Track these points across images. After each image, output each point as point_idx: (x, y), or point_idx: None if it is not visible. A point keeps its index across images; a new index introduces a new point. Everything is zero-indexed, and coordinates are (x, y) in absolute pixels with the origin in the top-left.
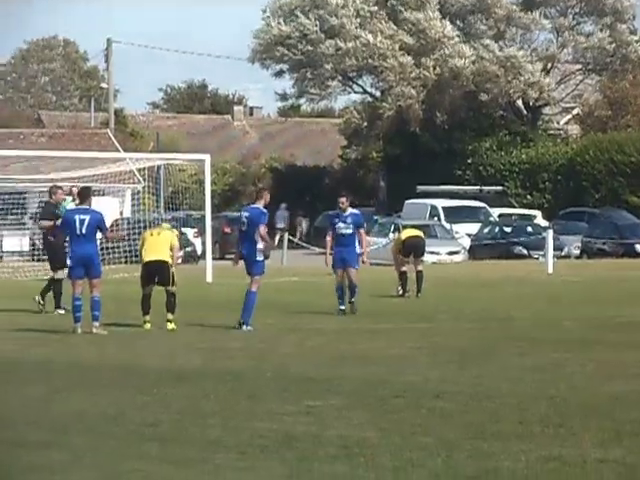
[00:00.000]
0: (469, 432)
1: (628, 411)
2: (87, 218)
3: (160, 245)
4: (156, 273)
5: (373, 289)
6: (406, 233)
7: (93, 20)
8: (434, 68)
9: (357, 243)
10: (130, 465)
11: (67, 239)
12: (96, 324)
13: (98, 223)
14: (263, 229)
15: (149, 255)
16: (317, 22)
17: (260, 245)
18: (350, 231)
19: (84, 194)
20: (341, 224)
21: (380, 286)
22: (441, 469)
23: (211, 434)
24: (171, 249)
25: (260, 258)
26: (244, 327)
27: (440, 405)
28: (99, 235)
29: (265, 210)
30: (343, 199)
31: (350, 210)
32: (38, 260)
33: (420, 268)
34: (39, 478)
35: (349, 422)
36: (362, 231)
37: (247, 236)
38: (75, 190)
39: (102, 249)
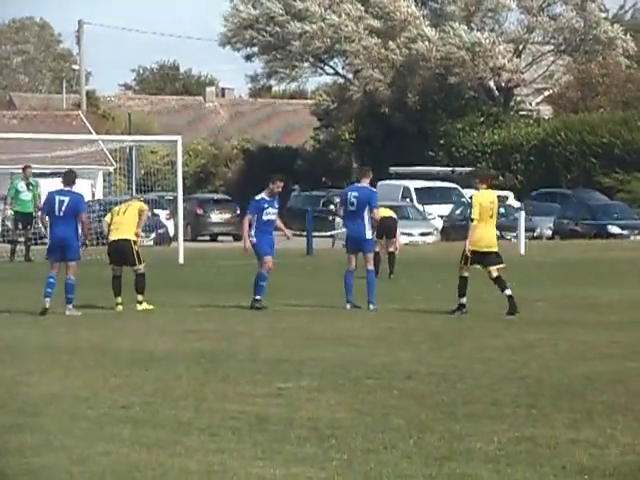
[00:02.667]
0: (441, 413)
1: (600, 392)
2: (66, 199)
3: (125, 224)
4: (120, 253)
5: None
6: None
7: (66, 1)
8: (400, 50)
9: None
10: (102, 447)
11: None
12: (69, 307)
13: (76, 204)
14: (376, 211)
15: (114, 234)
16: (283, 6)
17: (368, 224)
18: (274, 217)
19: (67, 177)
20: (271, 209)
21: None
22: (413, 450)
23: (183, 416)
24: (139, 216)
25: (370, 236)
26: (371, 307)
27: (412, 386)
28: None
29: (375, 190)
30: (280, 184)
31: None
32: (9, 242)
33: (392, 249)
34: (10, 461)
35: (320, 404)
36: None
37: (356, 216)
38: (29, 171)
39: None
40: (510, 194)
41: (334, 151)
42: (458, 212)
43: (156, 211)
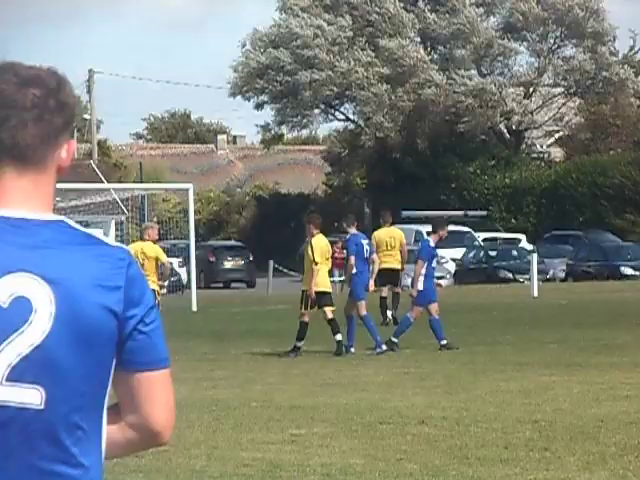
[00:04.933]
0: (454, 458)
1: (613, 433)
2: None
3: (146, 271)
4: None
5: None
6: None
7: (75, 50)
8: (410, 95)
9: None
10: None
11: None
12: None
13: None
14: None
15: None
16: (291, 55)
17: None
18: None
19: None
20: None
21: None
22: None
23: (196, 464)
24: (161, 264)
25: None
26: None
27: (426, 431)
28: None
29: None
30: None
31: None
32: None
33: (397, 290)
34: None
35: (334, 450)
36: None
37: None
38: None
39: None
40: (522, 236)
41: (346, 196)
42: (471, 255)
43: (169, 259)
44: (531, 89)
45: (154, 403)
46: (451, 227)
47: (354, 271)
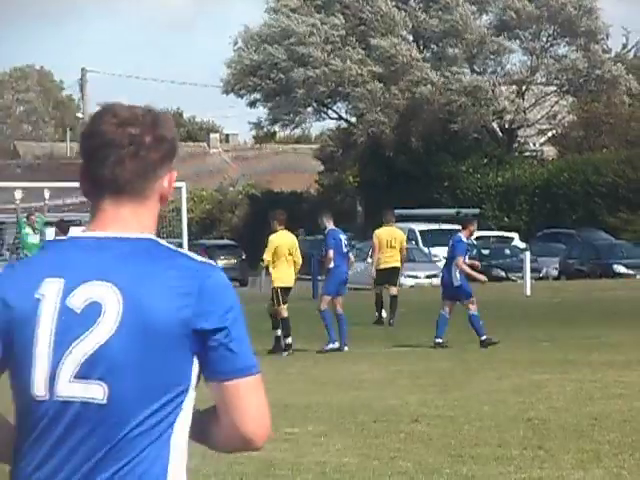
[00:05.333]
0: (448, 456)
1: (607, 432)
2: None
3: None
4: None
5: (354, 313)
6: None
7: (68, 49)
8: (403, 94)
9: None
10: None
11: None
12: None
13: None
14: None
15: None
16: (285, 52)
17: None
18: None
19: (61, 227)
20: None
21: (360, 311)
22: None
23: (189, 463)
24: None
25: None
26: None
27: (419, 429)
28: None
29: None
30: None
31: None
32: None
33: (394, 292)
34: None
35: (327, 448)
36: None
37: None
38: (33, 218)
39: None
40: (515, 235)
41: (339, 195)
42: None
43: None
44: (524, 87)
45: (243, 411)
46: (443, 226)
47: (331, 265)
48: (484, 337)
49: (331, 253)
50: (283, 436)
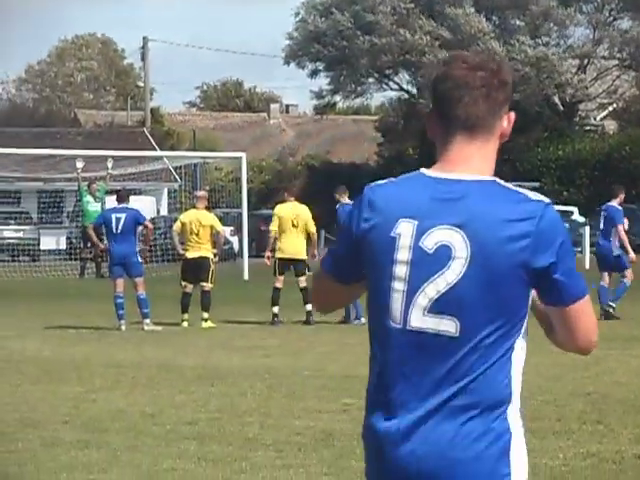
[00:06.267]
0: None
1: None
2: (123, 216)
3: (203, 242)
4: (197, 270)
5: None
6: None
7: (130, 18)
8: None
9: None
10: (168, 464)
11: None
12: (147, 321)
13: (135, 219)
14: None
15: (191, 252)
16: (352, 18)
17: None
18: None
19: (121, 195)
20: None
21: None
22: None
23: (249, 432)
24: (216, 233)
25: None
26: None
27: None
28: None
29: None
30: None
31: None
32: (75, 259)
33: None
34: (77, 477)
35: None
36: None
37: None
38: (95, 187)
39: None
40: (575, 209)
41: (399, 167)
42: None
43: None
44: (586, 61)
45: (577, 331)
46: None
47: None
48: (610, 308)
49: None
50: (342, 407)
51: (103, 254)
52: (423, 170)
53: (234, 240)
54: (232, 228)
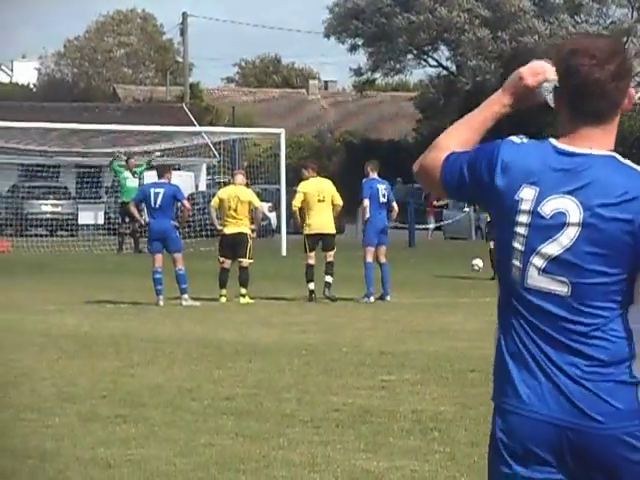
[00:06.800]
0: None
1: None
2: (162, 191)
3: (241, 218)
4: (235, 245)
5: (450, 263)
6: None
7: None
8: (510, 42)
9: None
10: (205, 439)
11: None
12: (185, 296)
13: (173, 194)
14: None
15: (229, 228)
16: None
17: None
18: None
19: (161, 170)
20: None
21: (455, 260)
22: None
23: (286, 408)
24: (254, 209)
25: None
26: None
27: None
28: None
29: None
30: None
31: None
32: (113, 234)
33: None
34: (115, 452)
35: (424, 397)
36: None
37: None
38: (133, 162)
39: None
40: None
41: None
42: None
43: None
44: (625, 39)
45: None
46: None
47: (367, 216)
48: None
49: (366, 202)
50: (379, 383)
51: (142, 229)
52: (552, 140)
53: (272, 216)
54: (270, 204)
